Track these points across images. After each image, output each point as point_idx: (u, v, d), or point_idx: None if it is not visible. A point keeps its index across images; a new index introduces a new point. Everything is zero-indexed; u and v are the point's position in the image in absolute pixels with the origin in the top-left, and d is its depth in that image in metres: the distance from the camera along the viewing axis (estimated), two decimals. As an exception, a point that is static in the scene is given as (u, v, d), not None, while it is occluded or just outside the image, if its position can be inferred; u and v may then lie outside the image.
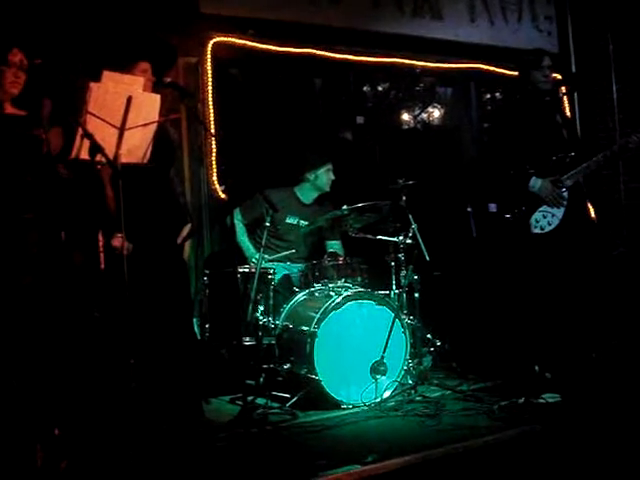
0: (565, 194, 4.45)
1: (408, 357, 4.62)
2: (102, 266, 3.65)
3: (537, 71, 4.52)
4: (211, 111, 5.54)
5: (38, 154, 3.71)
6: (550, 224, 4.44)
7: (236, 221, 5.11)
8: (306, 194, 5.35)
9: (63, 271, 4.03)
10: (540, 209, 4.45)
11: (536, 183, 4.43)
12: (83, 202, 4.12)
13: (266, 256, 4.82)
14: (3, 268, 3.49)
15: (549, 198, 4.42)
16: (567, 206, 4.45)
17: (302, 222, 5.26)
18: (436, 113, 7.15)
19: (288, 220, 5.20)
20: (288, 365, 4.52)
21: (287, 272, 5.04)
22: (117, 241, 3.85)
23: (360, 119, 6.60)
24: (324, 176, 5.27)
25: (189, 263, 4.68)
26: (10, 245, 3.52)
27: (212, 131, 5.47)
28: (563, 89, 5.25)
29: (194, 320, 4.69)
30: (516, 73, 4.80)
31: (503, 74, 6.87)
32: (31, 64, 3.66)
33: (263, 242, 4.64)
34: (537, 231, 4.44)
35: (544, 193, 4.42)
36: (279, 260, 5.10)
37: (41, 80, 4.13)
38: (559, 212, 4.45)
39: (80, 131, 3.45)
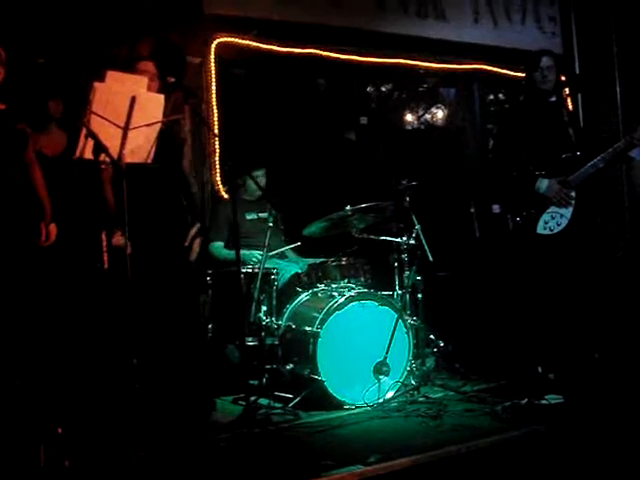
0: (573, 194, 4.41)
1: (411, 358, 4.62)
2: (105, 266, 3.64)
3: (536, 72, 4.51)
4: (215, 111, 5.54)
5: (23, 149, 3.69)
6: (559, 224, 4.39)
7: (217, 250, 5.14)
8: (248, 195, 5.34)
9: (66, 271, 4.04)
10: (548, 210, 4.39)
11: (542, 184, 4.39)
12: (85, 202, 4.12)
13: (260, 254, 4.75)
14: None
15: (556, 198, 4.38)
16: (575, 206, 4.40)
17: (260, 214, 5.19)
18: (439, 114, 7.16)
19: (249, 217, 5.20)
20: (291, 365, 4.52)
21: (299, 270, 4.98)
22: (116, 238, 3.85)
23: (364, 119, 6.60)
24: (251, 184, 5.18)
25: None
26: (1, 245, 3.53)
27: (216, 131, 5.47)
28: (567, 90, 5.23)
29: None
30: (520, 74, 4.79)
31: (506, 75, 6.88)
32: (33, 63, 3.66)
33: (267, 242, 4.62)
34: (546, 232, 4.38)
35: (551, 194, 4.38)
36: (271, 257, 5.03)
37: (43, 79, 4.13)
38: (567, 212, 4.40)
39: (84, 131, 3.44)
